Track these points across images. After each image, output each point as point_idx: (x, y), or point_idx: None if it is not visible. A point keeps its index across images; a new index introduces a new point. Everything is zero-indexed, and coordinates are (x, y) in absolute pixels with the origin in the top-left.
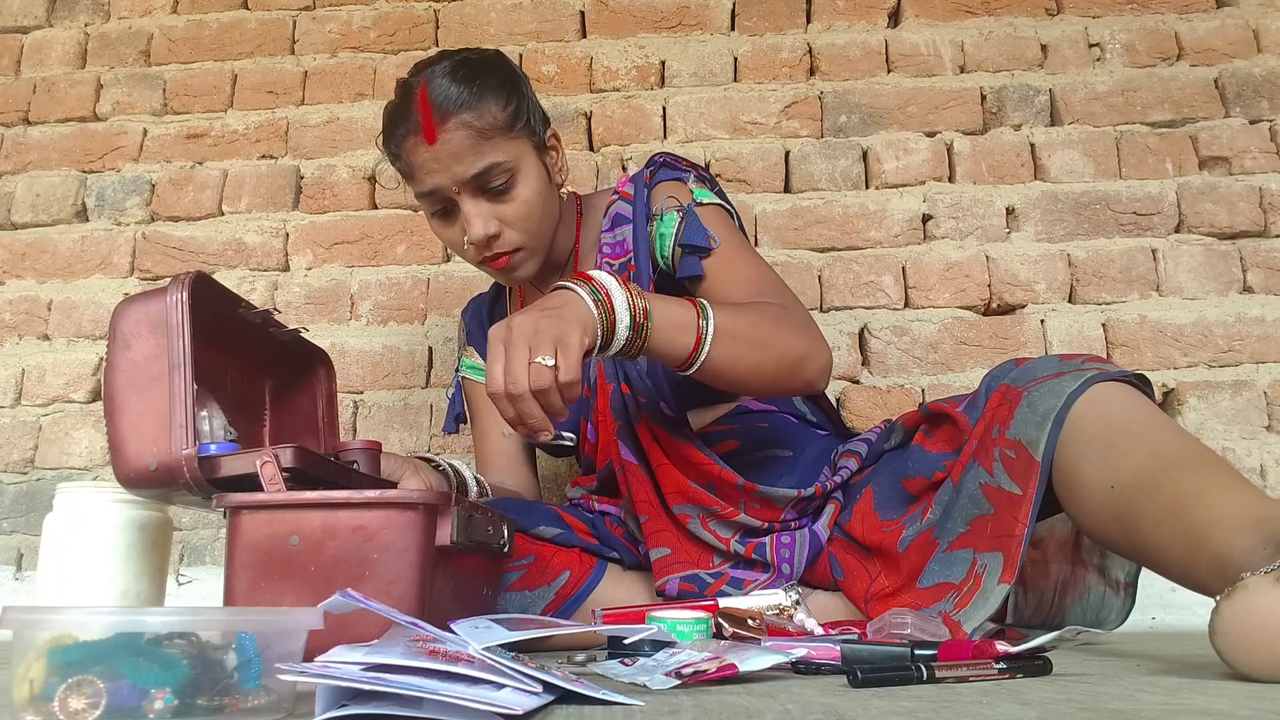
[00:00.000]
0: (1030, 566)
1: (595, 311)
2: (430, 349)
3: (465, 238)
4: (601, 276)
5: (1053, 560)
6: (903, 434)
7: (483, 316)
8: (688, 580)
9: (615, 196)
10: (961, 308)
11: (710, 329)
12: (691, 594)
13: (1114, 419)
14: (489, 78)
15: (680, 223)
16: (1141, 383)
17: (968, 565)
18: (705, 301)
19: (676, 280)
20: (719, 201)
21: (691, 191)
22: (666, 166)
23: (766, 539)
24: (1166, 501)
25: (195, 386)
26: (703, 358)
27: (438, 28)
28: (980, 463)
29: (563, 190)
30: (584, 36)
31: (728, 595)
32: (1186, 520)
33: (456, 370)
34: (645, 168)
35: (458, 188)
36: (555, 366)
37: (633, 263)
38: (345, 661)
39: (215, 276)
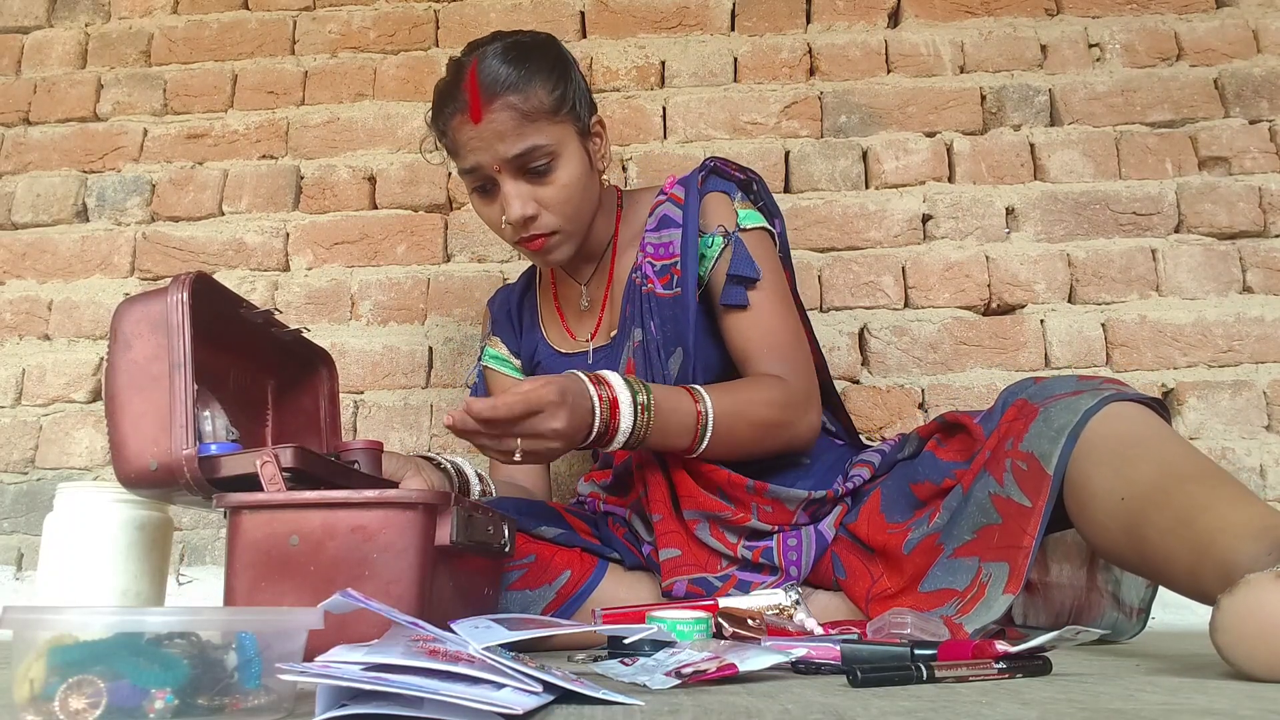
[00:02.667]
0: (1044, 589)
1: (592, 434)
2: (430, 349)
3: (503, 217)
4: (623, 400)
5: (1066, 582)
6: (917, 444)
7: (511, 306)
8: (696, 583)
9: (663, 197)
10: (961, 308)
11: (707, 436)
12: (699, 597)
13: (1127, 435)
14: (538, 61)
15: (724, 249)
16: (1158, 406)
17: (972, 573)
18: (707, 401)
19: (716, 300)
20: (762, 224)
21: (736, 213)
22: (715, 174)
23: (773, 541)
24: (1176, 511)
25: (196, 386)
26: (697, 454)
27: (438, 28)
28: (991, 473)
29: (604, 177)
30: (584, 36)
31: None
32: (1194, 529)
33: (479, 360)
34: (697, 171)
35: (499, 166)
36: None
37: (677, 267)
38: (345, 661)
39: (215, 276)
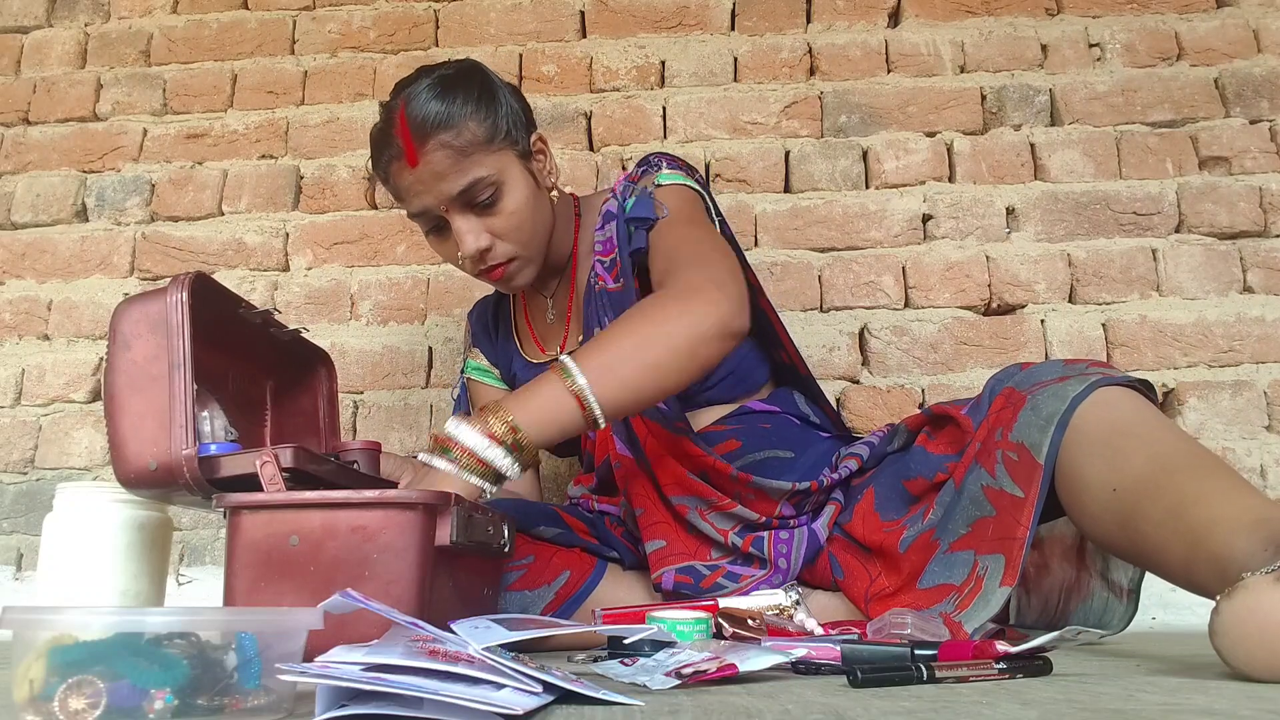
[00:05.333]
0: (1034, 570)
1: (473, 479)
2: (430, 349)
3: (459, 253)
4: (462, 438)
5: (1057, 565)
6: (906, 436)
7: (487, 318)
8: (684, 572)
9: (610, 194)
10: (961, 308)
11: (583, 382)
12: (688, 585)
13: (1117, 423)
14: (465, 93)
15: (632, 200)
16: (1145, 388)
17: (969, 567)
18: (565, 359)
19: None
20: (684, 182)
21: (656, 178)
22: (646, 161)
23: (765, 534)
24: (1168, 503)
25: (195, 387)
26: (598, 411)
27: (438, 28)
28: (982, 465)
29: (554, 194)
30: (584, 36)
31: (724, 589)
32: (1187, 521)
33: (461, 372)
34: (639, 164)
35: (445, 206)
36: None
37: (619, 260)
38: (345, 661)
39: (215, 276)
